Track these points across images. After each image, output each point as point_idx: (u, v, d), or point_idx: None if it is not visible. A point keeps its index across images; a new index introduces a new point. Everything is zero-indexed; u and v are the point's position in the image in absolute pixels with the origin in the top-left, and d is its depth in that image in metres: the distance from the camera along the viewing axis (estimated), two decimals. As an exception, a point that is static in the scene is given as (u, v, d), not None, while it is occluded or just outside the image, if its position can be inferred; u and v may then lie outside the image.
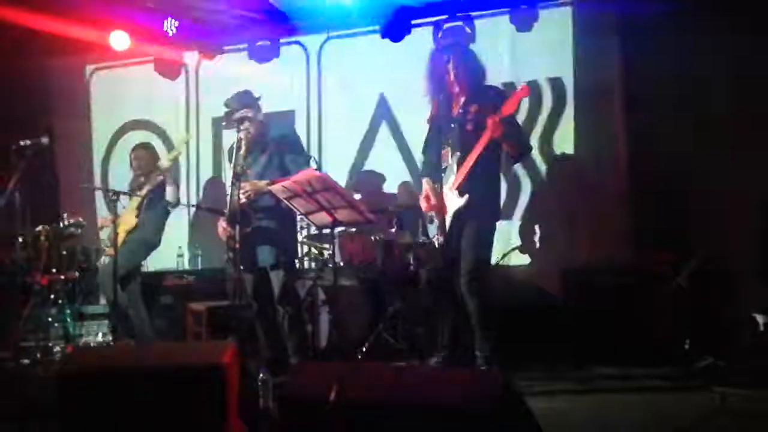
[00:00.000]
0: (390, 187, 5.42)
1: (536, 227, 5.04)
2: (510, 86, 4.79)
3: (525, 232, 5.05)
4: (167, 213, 4.91)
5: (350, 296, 4.74)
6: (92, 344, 4.84)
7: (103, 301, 5.11)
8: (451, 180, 3.65)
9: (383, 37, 5.36)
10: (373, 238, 4.82)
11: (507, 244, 4.92)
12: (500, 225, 3.92)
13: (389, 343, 4.58)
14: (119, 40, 5.51)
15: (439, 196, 3.66)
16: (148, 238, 4.84)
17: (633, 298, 4.47)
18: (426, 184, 3.79)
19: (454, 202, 3.61)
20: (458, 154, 3.62)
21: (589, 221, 4.99)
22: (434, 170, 3.73)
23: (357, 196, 4.87)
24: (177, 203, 4.87)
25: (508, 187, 4.92)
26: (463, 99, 3.71)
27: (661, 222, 4.61)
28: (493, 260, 4.06)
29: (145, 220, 4.78)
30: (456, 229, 3.62)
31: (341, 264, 4.81)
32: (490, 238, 3.72)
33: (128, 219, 4.75)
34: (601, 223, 4.98)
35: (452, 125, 3.70)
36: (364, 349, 4.40)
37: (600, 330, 4.34)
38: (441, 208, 3.64)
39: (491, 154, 3.64)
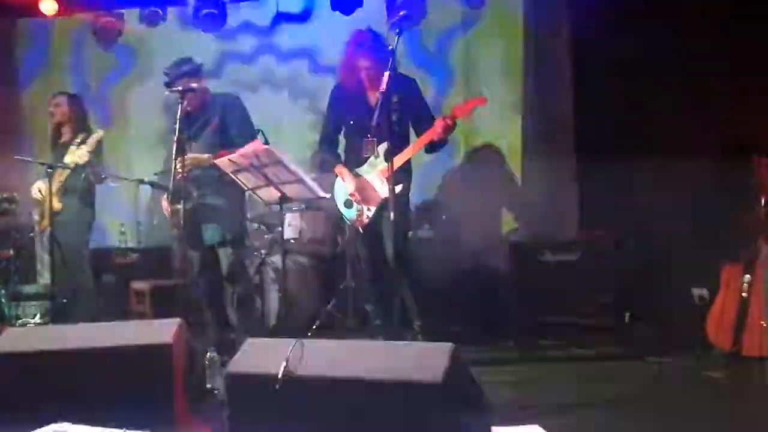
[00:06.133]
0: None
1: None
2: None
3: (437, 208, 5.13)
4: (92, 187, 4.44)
5: (300, 273, 4.69)
6: (29, 325, 4.65)
7: (41, 280, 4.88)
8: (380, 168, 3.70)
9: (333, 9, 5.27)
10: (323, 214, 4.77)
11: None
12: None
13: (339, 320, 4.58)
14: (48, 5, 5.28)
15: (367, 183, 3.75)
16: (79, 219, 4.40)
17: (576, 273, 4.59)
18: (343, 170, 3.83)
19: (384, 189, 3.63)
20: (386, 144, 3.58)
21: (534, 198, 5.10)
22: (352, 159, 3.84)
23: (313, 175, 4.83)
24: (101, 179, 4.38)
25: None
26: (379, 90, 3.69)
27: (604, 200, 4.73)
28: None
29: (69, 202, 4.33)
30: (380, 214, 3.71)
31: (291, 241, 4.76)
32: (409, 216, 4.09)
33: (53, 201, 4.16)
34: (546, 200, 5.10)
35: (371, 115, 3.67)
36: (314, 327, 4.37)
37: (542, 302, 4.45)
38: (372, 197, 3.73)
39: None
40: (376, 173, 3.75)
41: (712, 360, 3.71)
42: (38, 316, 4.75)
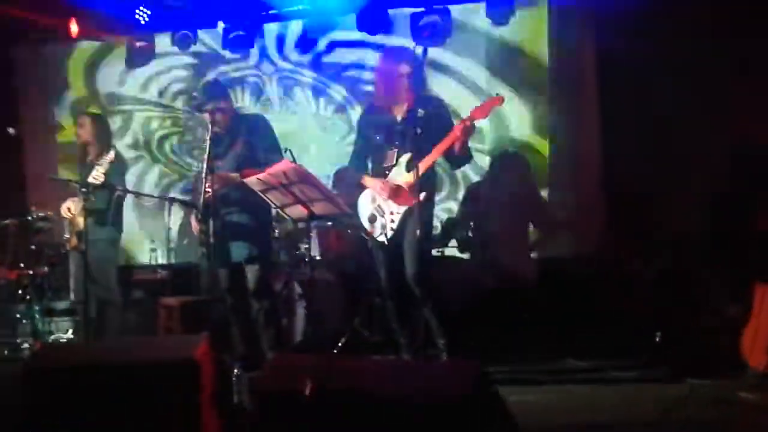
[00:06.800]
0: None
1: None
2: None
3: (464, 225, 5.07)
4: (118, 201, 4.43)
5: (326, 290, 4.71)
6: (62, 341, 4.74)
7: (73, 297, 4.98)
8: (402, 178, 3.64)
9: (359, 29, 5.33)
10: (349, 231, 4.79)
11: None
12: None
13: (365, 337, 4.57)
14: (72, 27, 5.45)
15: (398, 190, 3.67)
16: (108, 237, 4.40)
17: (605, 291, 4.52)
18: (371, 180, 3.77)
19: (407, 198, 3.60)
20: (408, 155, 3.59)
21: (562, 215, 5.06)
22: (378, 169, 3.78)
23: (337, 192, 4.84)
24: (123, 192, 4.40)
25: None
26: (408, 104, 3.72)
27: (634, 217, 4.67)
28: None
29: (95, 221, 4.29)
30: (403, 229, 3.64)
31: (317, 258, 4.78)
32: (432, 233, 3.99)
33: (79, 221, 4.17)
34: (576, 217, 5.06)
35: (397, 128, 3.72)
36: (340, 344, 4.38)
37: (571, 321, 4.38)
38: (403, 197, 3.64)
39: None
40: (399, 183, 3.68)
41: (746, 380, 3.62)
42: (71, 331, 4.84)
